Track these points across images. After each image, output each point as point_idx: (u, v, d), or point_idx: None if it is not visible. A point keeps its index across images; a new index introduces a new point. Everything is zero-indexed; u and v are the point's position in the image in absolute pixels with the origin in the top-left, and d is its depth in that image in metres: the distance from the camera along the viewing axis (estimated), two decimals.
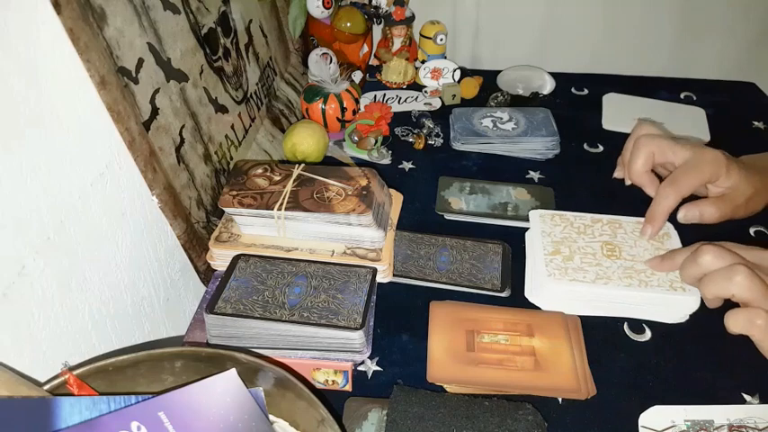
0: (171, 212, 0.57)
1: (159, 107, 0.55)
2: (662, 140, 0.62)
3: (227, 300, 0.54)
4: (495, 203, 0.73)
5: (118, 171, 0.51)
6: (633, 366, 0.55)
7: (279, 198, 0.60)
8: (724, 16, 1.04)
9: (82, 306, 0.47)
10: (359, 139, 0.83)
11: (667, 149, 0.61)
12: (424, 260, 0.65)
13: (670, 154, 0.61)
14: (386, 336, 0.58)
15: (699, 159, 0.59)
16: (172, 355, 0.42)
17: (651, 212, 0.61)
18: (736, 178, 0.59)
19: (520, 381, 0.53)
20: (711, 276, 0.52)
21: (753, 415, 0.49)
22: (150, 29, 0.55)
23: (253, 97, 0.78)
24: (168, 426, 0.35)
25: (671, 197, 0.59)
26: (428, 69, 0.99)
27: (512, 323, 0.58)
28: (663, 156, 0.62)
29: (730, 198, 0.60)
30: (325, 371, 0.53)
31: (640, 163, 0.63)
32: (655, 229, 0.61)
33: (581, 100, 0.96)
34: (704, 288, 0.53)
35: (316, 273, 0.58)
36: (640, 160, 0.62)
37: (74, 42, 0.44)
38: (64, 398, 0.36)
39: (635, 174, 0.63)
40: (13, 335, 0.40)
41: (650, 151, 0.62)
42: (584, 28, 1.07)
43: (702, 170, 0.59)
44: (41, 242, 0.43)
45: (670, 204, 0.60)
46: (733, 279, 0.50)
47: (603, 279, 0.58)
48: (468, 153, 0.84)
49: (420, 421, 0.47)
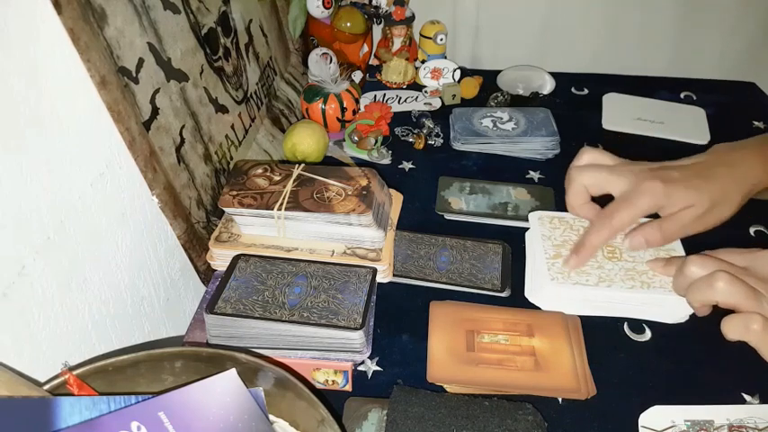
0: (171, 212, 0.57)
1: (159, 107, 0.55)
2: (595, 173, 0.60)
3: (227, 300, 0.54)
4: (495, 203, 0.73)
5: (118, 171, 0.51)
6: (633, 366, 0.55)
7: (279, 198, 0.60)
8: (724, 16, 1.04)
9: (82, 306, 0.47)
10: (359, 139, 0.83)
11: (602, 182, 0.59)
12: (424, 260, 0.65)
13: (605, 186, 0.59)
14: (386, 336, 0.58)
15: (633, 192, 0.57)
16: (172, 355, 0.42)
17: (579, 244, 0.60)
18: (681, 201, 0.56)
19: (520, 381, 0.53)
20: (695, 284, 0.52)
21: (753, 415, 0.49)
22: (150, 29, 0.55)
23: (253, 97, 0.78)
24: (168, 426, 0.35)
25: (602, 233, 0.58)
26: (428, 69, 0.99)
27: (512, 323, 0.58)
28: (598, 188, 0.60)
29: (676, 219, 0.57)
30: (325, 371, 0.53)
31: (572, 198, 0.61)
32: (578, 261, 0.59)
33: (581, 100, 0.96)
34: (690, 296, 0.53)
35: (316, 273, 0.58)
36: (572, 196, 0.61)
37: (74, 42, 0.44)
38: (64, 398, 0.36)
39: (571, 209, 0.62)
40: (13, 335, 0.40)
41: (582, 185, 0.60)
42: (585, 28, 1.07)
43: (637, 205, 0.56)
44: (41, 242, 0.43)
45: (600, 240, 0.58)
46: (714, 285, 0.50)
47: (606, 281, 0.58)
48: (469, 153, 0.84)
49: (420, 421, 0.47)
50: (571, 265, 0.60)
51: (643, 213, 0.57)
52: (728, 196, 0.57)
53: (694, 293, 0.52)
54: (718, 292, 0.50)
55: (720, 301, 0.51)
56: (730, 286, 0.49)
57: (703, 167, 0.59)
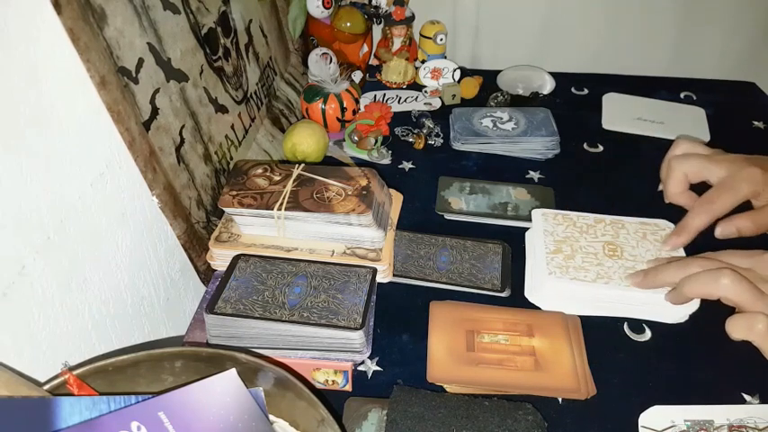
0: (171, 212, 0.57)
1: (159, 107, 0.55)
2: (695, 161, 0.61)
3: (227, 300, 0.54)
4: (495, 203, 0.73)
5: (118, 171, 0.51)
6: (633, 366, 0.55)
7: (279, 198, 0.60)
8: (724, 16, 1.04)
9: (82, 306, 0.47)
10: (359, 139, 0.83)
11: (702, 169, 0.61)
12: (424, 260, 0.65)
13: (705, 173, 0.60)
14: (386, 336, 0.58)
15: (734, 178, 0.58)
16: (172, 355, 0.42)
17: (680, 227, 0.61)
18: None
19: (520, 381, 0.53)
20: (698, 276, 0.53)
21: (753, 415, 0.49)
22: (150, 29, 0.55)
23: (253, 97, 0.78)
24: (168, 426, 0.35)
25: (702, 217, 0.59)
26: (428, 69, 0.99)
27: (512, 323, 0.58)
28: (697, 176, 0.61)
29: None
30: (325, 371, 0.53)
31: (673, 186, 0.63)
32: (678, 242, 0.61)
33: (581, 100, 0.96)
34: (689, 287, 0.53)
35: (316, 273, 0.58)
36: (672, 183, 0.62)
37: (74, 42, 0.44)
38: (64, 398, 0.36)
39: (670, 197, 0.63)
40: (13, 335, 0.40)
41: (682, 173, 0.62)
42: (585, 28, 1.07)
43: (737, 189, 0.58)
44: (41, 242, 0.43)
45: (701, 224, 0.59)
46: (719, 281, 0.51)
47: (604, 279, 0.58)
48: (469, 153, 0.84)
49: (420, 421, 0.47)
50: (670, 244, 0.61)
51: (743, 198, 0.58)
52: None
53: (695, 285, 0.52)
54: (722, 287, 0.50)
55: (723, 298, 0.51)
56: (735, 283, 0.50)
57: None
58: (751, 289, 0.50)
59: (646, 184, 0.71)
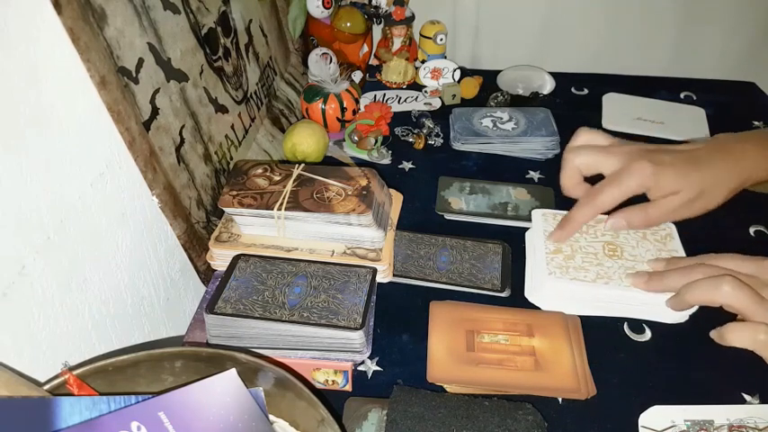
0: (171, 212, 0.57)
1: (159, 107, 0.55)
2: (588, 153, 0.60)
3: (227, 300, 0.54)
4: (495, 203, 0.73)
5: (118, 171, 0.51)
6: (633, 366, 0.55)
7: (279, 198, 0.60)
8: (724, 16, 1.04)
9: (82, 306, 0.47)
10: (359, 139, 0.83)
11: (595, 162, 0.60)
12: (424, 260, 0.65)
13: (598, 165, 0.60)
14: (386, 336, 0.58)
15: (621, 173, 0.57)
16: (172, 355, 0.42)
17: (564, 220, 0.61)
18: (670, 185, 0.56)
19: (520, 381, 0.53)
20: (699, 283, 0.52)
21: (753, 415, 0.49)
22: (150, 29, 0.55)
23: (253, 97, 0.78)
24: (168, 426, 0.35)
25: (586, 210, 0.59)
26: (428, 69, 0.99)
27: (512, 323, 0.58)
28: (590, 168, 0.60)
29: (662, 204, 0.58)
30: (325, 371, 0.53)
31: (565, 178, 0.62)
32: (562, 236, 0.60)
33: (581, 100, 0.96)
34: (690, 294, 0.53)
35: (316, 273, 0.58)
36: (565, 176, 0.62)
37: (74, 42, 0.44)
38: (64, 398, 0.36)
39: (564, 189, 0.63)
40: (13, 335, 0.40)
41: (574, 166, 0.61)
42: (585, 28, 1.07)
43: (623, 184, 0.57)
44: (41, 242, 0.43)
45: (585, 217, 0.59)
46: (720, 288, 0.50)
47: (604, 279, 0.58)
48: (469, 153, 0.84)
49: (420, 421, 0.47)
50: (555, 238, 0.61)
51: (629, 193, 0.57)
52: (720, 184, 0.57)
53: (697, 292, 0.52)
54: (724, 294, 0.50)
55: (725, 304, 0.51)
56: (736, 290, 0.50)
57: (698, 153, 0.58)
58: (752, 296, 0.50)
59: None
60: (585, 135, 0.63)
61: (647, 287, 0.57)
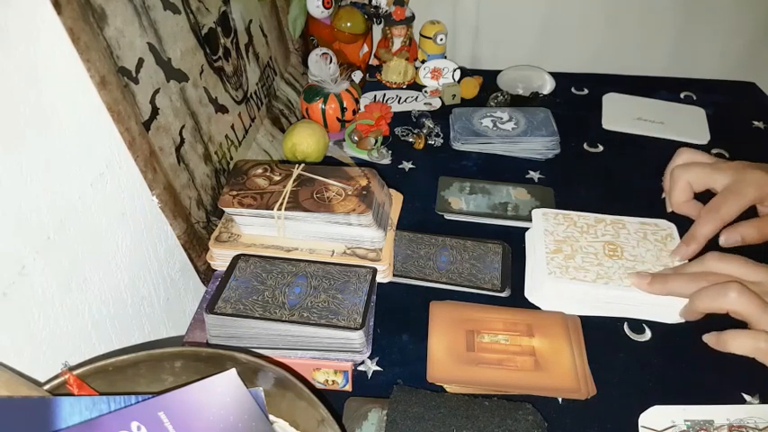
0: (171, 212, 0.57)
1: (159, 107, 0.55)
2: (698, 169, 0.61)
3: (227, 300, 0.54)
4: (495, 203, 0.73)
5: (118, 171, 0.51)
6: (633, 366, 0.55)
7: (279, 198, 0.60)
8: (724, 16, 1.04)
9: (82, 306, 0.47)
10: (359, 139, 0.83)
11: (705, 177, 0.61)
12: (424, 260, 0.65)
13: (709, 181, 0.61)
14: (386, 336, 0.58)
15: (739, 183, 0.58)
16: (172, 355, 0.42)
17: (688, 236, 0.61)
18: None
19: (520, 381, 0.53)
20: (706, 290, 0.53)
21: (753, 415, 0.49)
22: (150, 29, 0.55)
23: (253, 97, 0.78)
24: (168, 426, 0.35)
25: (710, 225, 0.59)
26: (428, 69, 0.99)
27: (512, 323, 0.58)
28: (701, 184, 0.62)
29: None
30: (325, 371, 0.53)
31: (677, 195, 0.63)
32: (688, 252, 0.60)
33: (581, 100, 0.96)
34: (698, 301, 0.54)
35: (316, 273, 0.58)
36: (677, 193, 0.63)
37: (74, 42, 0.44)
38: (64, 398, 0.36)
39: (675, 206, 0.64)
40: (13, 335, 0.40)
41: (685, 182, 0.62)
42: (585, 28, 1.07)
43: (743, 194, 0.58)
44: (41, 242, 0.43)
45: (709, 232, 0.59)
46: (727, 294, 0.51)
47: (604, 279, 0.58)
48: (469, 153, 0.84)
49: (420, 421, 0.47)
50: (680, 254, 0.60)
51: (749, 203, 0.58)
52: None
53: (705, 300, 0.53)
54: (730, 300, 0.51)
55: (731, 311, 0.52)
56: (742, 297, 0.50)
57: None
58: (758, 303, 0.50)
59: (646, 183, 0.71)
60: (687, 154, 0.65)
61: (649, 289, 0.57)
